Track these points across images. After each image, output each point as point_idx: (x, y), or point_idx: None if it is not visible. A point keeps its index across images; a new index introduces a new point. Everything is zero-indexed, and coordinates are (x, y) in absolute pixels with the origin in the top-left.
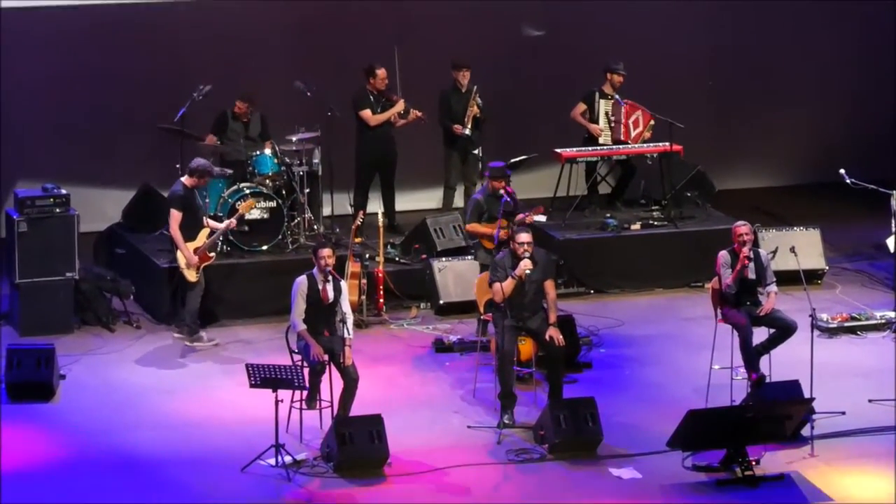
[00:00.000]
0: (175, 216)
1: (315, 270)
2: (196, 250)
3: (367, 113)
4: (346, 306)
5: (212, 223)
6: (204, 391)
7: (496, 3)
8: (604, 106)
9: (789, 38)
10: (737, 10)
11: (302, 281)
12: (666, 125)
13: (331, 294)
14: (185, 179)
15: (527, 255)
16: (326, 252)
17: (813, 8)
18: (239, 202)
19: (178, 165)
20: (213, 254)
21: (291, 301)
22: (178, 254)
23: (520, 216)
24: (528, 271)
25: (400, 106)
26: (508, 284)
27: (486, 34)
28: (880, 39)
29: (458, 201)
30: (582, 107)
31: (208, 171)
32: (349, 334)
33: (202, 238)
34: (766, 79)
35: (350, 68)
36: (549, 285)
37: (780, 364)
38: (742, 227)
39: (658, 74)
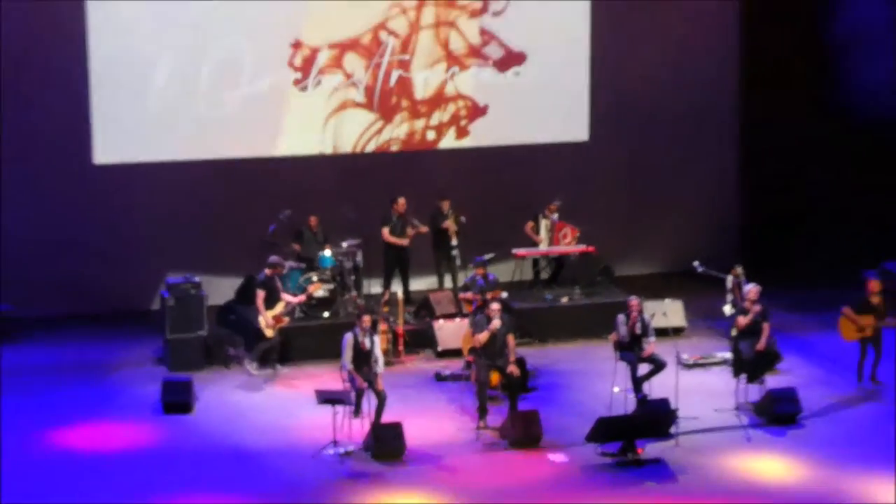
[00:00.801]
0: (259, 294)
1: (357, 328)
2: (274, 316)
3: (385, 231)
4: (377, 351)
5: (288, 298)
6: (287, 407)
7: (481, 152)
8: (544, 224)
9: (671, 165)
10: (627, 158)
11: (348, 336)
12: (586, 233)
13: (367, 344)
14: (266, 270)
15: (496, 317)
16: (366, 317)
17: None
18: (310, 285)
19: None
20: (286, 318)
21: (342, 350)
22: (261, 318)
23: (490, 294)
24: (498, 328)
25: (405, 241)
26: (484, 336)
27: (469, 174)
28: (726, 178)
29: (446, 285)
30: (531, 224)
31: (280, 264)
32: (380, 369)
33: (279, 308)
34: (647, 203)
35: (383, 199)
36: (510, 337)
37: (657, 387)
38: (633, 301)
39: (582, 197)
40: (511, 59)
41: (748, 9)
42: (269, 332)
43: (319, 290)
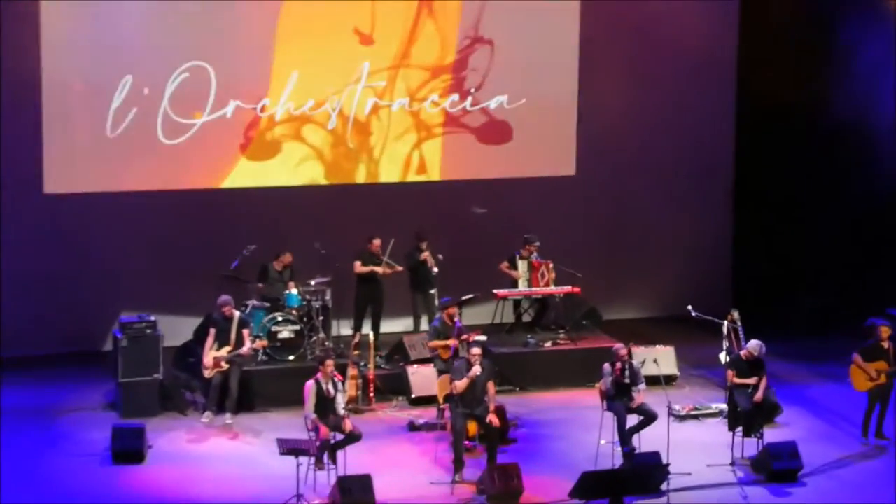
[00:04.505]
0: (211, 333)
1: (319, 375)
2: (215, 358)
3: (357, 263)
4: (339, 397)
5: (247, 343)
6: (248, 457)
7: (453, 188)
8: (521, 264)
9: (661, 205)
10: (617, 198)
11: (311, 385)
12: (569, 274)
13: (332, 390)
14: (224, 310)
15: (477, 362)
16: (329, 363)
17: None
18: (274, 327)
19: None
20: (225, 365)
21: (305, 399)
22: (204, 358)
23: (464, 336)
24: (477, 374)
25: (379, 269)
26: (464, 383)
27: (445, 212)
28: (720, 220)
29: (423, 326)
30: (506, 263)
31: (228, 303)
32: (343, 411)
33: (223, 350)
34: (635, 244)
35: (352, 235)
36: (491, 384)
37: (646, 441)
38: (621, 350)
39: (564, 239)
40: (494, 127)
41: (744, 50)
42: (205, 373)
43: (284, 332)
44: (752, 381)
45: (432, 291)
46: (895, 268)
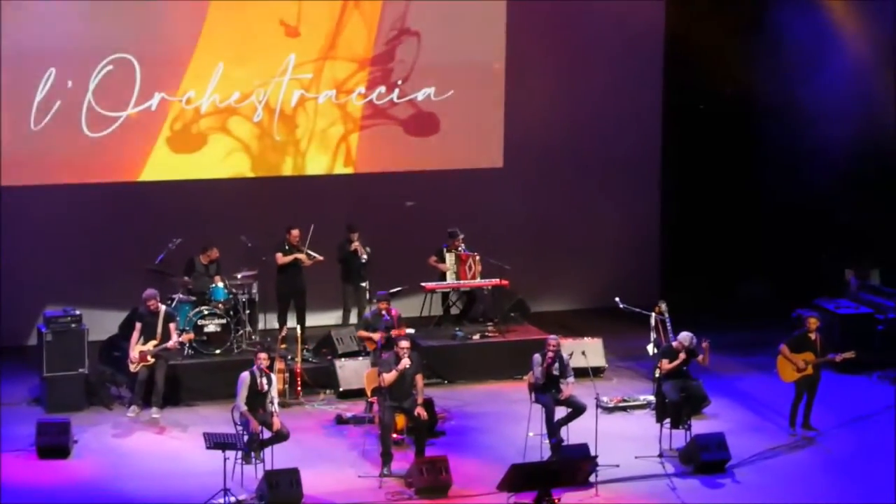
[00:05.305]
0: (137, 327)
1: (255, 367)
2: (141, 352)
3: (279, 255)
4: (273, 392)
5: (174, 336)
6: (174, 451)
7: (380, 181)
8: (448, 257)
9: (578, 209)
10: (545, 190)
11: (245, 376)
12: (497, 266)
13: (265, 384)
14: (149, 304)
15: (405, 356)
16: (263, 356)
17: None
18: (200, 320)
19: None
20: (151, 359)
21: (237, 390)
22: (130, 352)
23: (394, 331)
24: (406, 367)
25: (302, 257)
26: (392, 376)
27: (373, 204)
28: (647, 212)
29: (353, 319)
30: (434, 257)
31: (153, 297)
32: (276, 409)
33: (149, 345)
34: (563, 236)
35: (279, 228)
36: (419, 378)
37: (574, 432)
38: (552, 340)
39: (492, 231)
40: (421, 119)
41: (671, 40)
42: (131, 367)
43: (210, 325)
44: (680, 357)
45: (363, 284)
46: (823, 259)
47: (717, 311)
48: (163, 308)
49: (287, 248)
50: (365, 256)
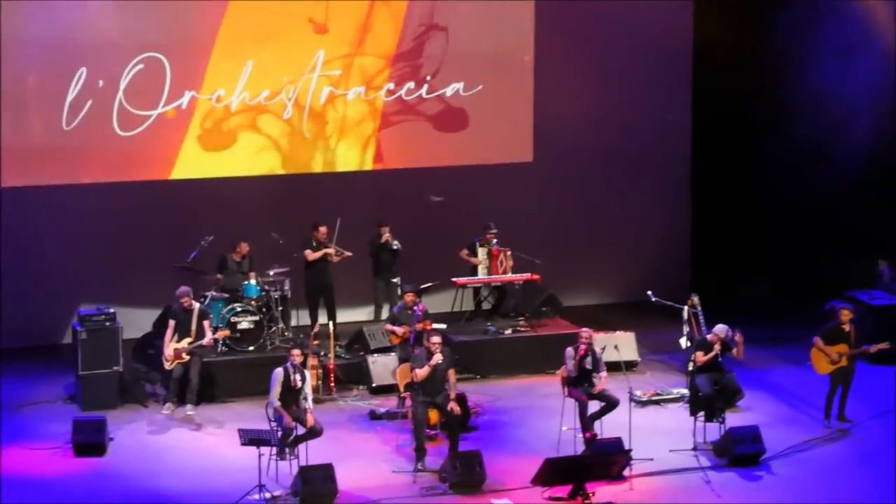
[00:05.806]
0: (170, 325)
1: (288, 364)
2: (175, 349)
3: (307, 252)
4: (307, 388)
5: (208, 334)
6: (209, 447)
7: (410, 176)
8: (481, 252)
9: (608, 203)
10: (574, 186)
11: (279, 372)
12: (528, 261)
13: (298, 381)
14: (183, 301)
15: (438, 351)
16: (296, 352)
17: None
18: (233, 318)
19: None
20: (186, 356)
21: (270, 386)
22: (165, 349)
23: (419, 325)
24: (439, 362)
25: (331, 251)
26: (425, 371)
27: (400, 199)
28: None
29: (384, 315)
30: (466, 251)
31: (186, 294)
32: (310, 405)
33: (184, 342)
34: (593, 230)
35: (307, 224)
36: (451, 373)
37: (608, 426)
38: (584, 332)
39: (521, 226)
40: (450, 115)
41: (701, 36)
42: (166, 365)
43: (243, 322)
44: (715, 350)
45: (395, 280)
46: (854, 251)
47: (748, 303)
48: (196, 305)
49: (315, 244)
50: (396, 244)
